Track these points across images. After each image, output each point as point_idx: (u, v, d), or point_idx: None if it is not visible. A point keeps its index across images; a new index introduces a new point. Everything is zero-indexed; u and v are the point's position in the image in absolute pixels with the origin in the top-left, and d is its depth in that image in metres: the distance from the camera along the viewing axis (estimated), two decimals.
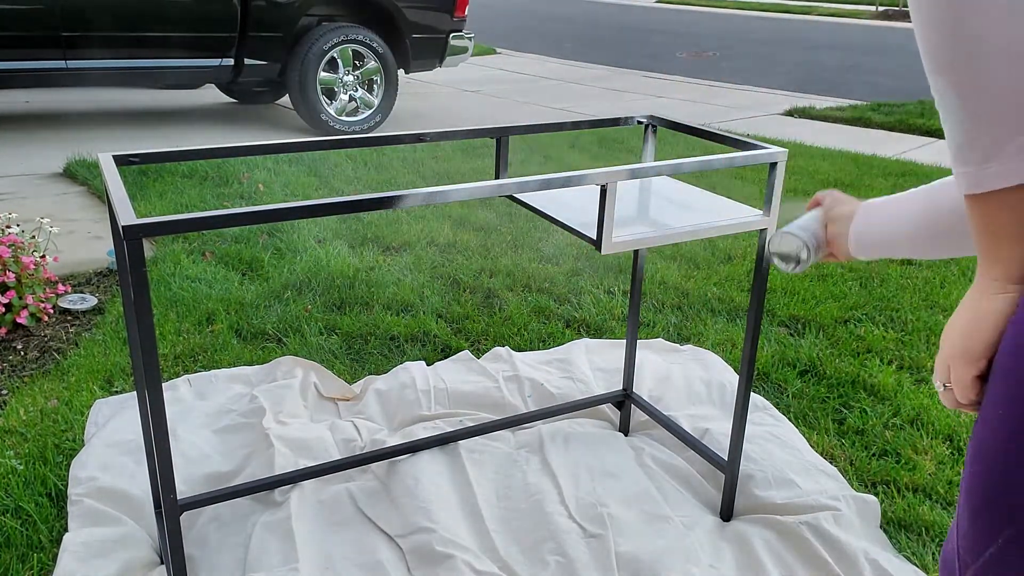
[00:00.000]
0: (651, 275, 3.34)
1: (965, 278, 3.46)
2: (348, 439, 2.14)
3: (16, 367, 2.48)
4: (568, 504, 1.91)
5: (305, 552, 1.73)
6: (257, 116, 6.50)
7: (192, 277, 3.10)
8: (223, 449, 2.09)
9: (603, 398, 2.27)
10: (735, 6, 22.41)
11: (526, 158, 5.18)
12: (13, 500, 1.86)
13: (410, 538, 1.78)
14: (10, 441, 2.08)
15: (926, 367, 2.67)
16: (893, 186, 4.95)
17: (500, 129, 1.79)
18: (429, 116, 6.81)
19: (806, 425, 2.32)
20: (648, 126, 1.93)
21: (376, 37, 5.87)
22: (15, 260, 2.66)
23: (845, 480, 2.04)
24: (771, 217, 1.63)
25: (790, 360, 2.68)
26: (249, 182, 4.33)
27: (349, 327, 2.78)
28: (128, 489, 1.89)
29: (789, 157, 5.11)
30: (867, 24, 18.71)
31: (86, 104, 6.61)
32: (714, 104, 7.98)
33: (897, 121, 7.06)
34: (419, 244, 3.55)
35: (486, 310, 2.98)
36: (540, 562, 1.75)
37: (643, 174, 1.49)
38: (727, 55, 12.06)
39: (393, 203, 1.31)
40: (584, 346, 2.67)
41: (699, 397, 2.40)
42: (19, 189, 4.23)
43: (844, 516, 1.86)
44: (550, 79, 9.23)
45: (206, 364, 2.52)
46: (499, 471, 2.03)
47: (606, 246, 1.47)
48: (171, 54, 5.26)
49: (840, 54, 12.59)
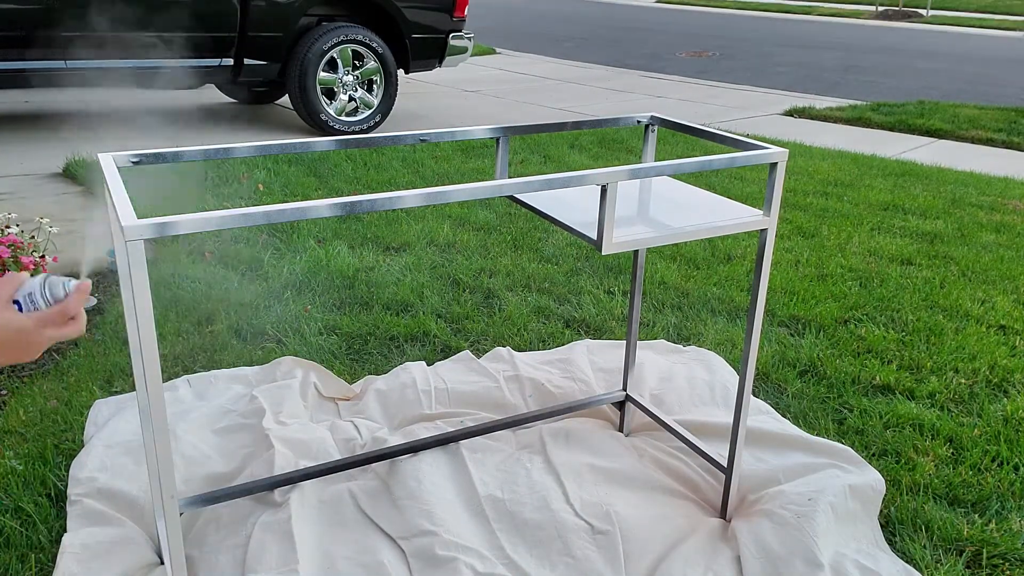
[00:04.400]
0: (651, 275, 3.34)
1: (965, 278, 3.46)
2: (348, 439, 2.14)
3: (16, 367, 2.48)
4: (574, 503, 1.91)
5: (305, 553, 1.73)
6: (257, 116, 6.49)
7: (192, 277, 3.09)
8: (223, 449, 2.09)
9: (603, 399, 2.26)
10: (735, 6, 22.40)
11: (526, 158, 5.18)
12: (13, 500, 1.85)
13: (413, 540, 1.78)
14: (10, 441, 2.08)
15: (926, 367, 2.67)
16: (893, 186, 4.95)
17: (500, 129, 1.79)
18: (429, 116, 6.81)
19: (806, 425, 2.32)
20: (648, 126, 1.93)
21: (376, 37, 5.87)
22: (15, 260, 2.65)
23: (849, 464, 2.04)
24: (771, 217, 1.62)
25: (790, 360, 2.68)
26: (249, 182, 4.33)
27: (349, 327, 2.78)
28: (128, 489, 1.88)
29: (789, 157, 5.11)
30: (867, 24, 18.70)
31: (86, 104, 6.61)
32: (714, 104, 7.97)
33: (897, 121, 7.06)
34: (419, 244, 3.55)
35: (486, 310, 2.98)
36: (548, 560, 1.75)
37: (643, 174, 1.49)
38: (727, 55, 12.06)
39: (393, 203, 1.30)
40: (585, 346, 2.67)
41: (702, 398, 2.40)
42: (19, 189, 4.23)
43: (843, 507, 1.86)
44: (550, 79, 9.23)
45: (206, 364, 2.52)
46: (502, 470, 2.03)
47: (606, 246, 1.47)
48: (171, 54, 5.26)
49: (840, 54, 12.58)
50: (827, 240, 3.88)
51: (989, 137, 6.64)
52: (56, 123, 5.84)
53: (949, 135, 6.75)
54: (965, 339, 2.87)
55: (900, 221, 4.24)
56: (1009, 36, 16.74)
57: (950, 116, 7.27)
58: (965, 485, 2.07)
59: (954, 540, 1.87)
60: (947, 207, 4.54)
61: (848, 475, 1.99)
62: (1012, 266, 3.63)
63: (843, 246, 3.81)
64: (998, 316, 3.08)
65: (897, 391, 2.52)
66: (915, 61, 12.06)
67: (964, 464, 2.15)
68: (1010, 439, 2.27)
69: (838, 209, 4.39)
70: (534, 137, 5.71)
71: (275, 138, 5.73)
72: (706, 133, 1.75)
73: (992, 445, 2.24)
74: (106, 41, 5.00)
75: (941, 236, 4.02)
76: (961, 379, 2.59)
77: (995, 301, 3.22)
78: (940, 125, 6.90)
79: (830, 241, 3.87)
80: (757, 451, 2.13)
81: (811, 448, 2.12)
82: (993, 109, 7.77)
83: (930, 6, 20.76)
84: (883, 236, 3.98)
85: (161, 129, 5.82)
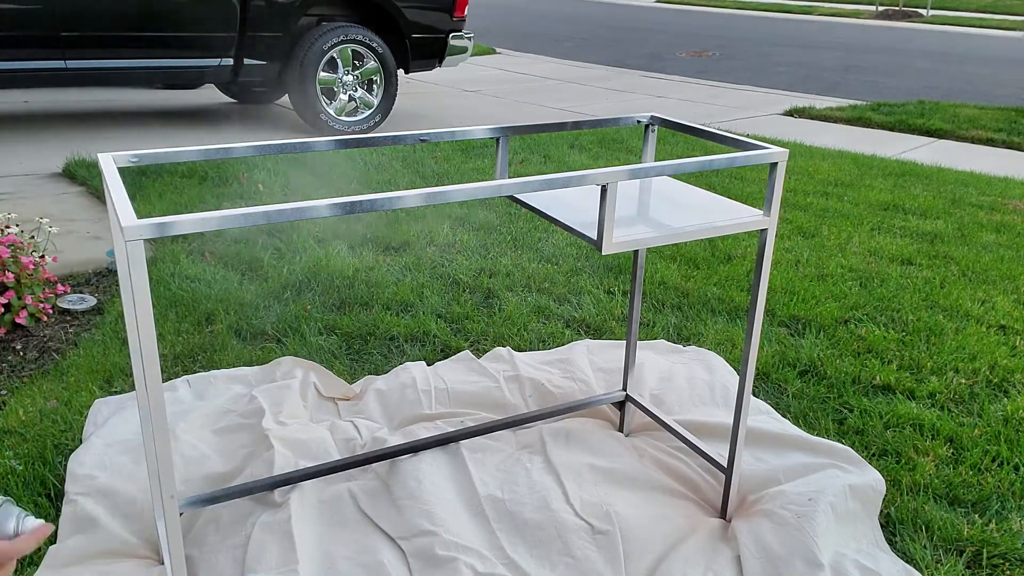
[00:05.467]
0: (651, 275, 3.33)
1: (965, 278, 3.46)
2: (348, 439, 2.14)
3: (15, 367, 2.48)
4: (574, 503, 1.91)
5: (305, 553, 1.73)
6: (257, 116, 6.49)
7: (192, 277, 3.09)
8: (222, 449, 2.09)
9: (603, 399, 2.26)
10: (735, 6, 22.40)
11: (526, 158, 5.18)
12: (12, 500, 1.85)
13: (413, 540, 1.78)
14: (9, 441, 2.07)
15: (926, 367, 2.66)
16: (893, 186, 4.95)
17: (500, 129, 1.79)
18: (429, 116, 6.81)
19: (806, 425, 2.32)
20: (648, 126, 1.93)
21: (376, 37, 5.87)
22: (14, 260, 2.65)
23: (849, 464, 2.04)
24: (771, 217, 1.62)
25: (790, 360, 2.68)
26: (249, 182, 4.33)
27: (349, 327, 2.78)
28: (127, 489, 1.88)
29: (789, 157, 5.11)
30: (867, 24, 18.71)
31: (86, 104, 6.61)
32: (714, 104, 7.97)
33: (897, 121, 7.06)
34: (419, 244, 3.55)
35: (486, 310, 2.98)
36: (548, 560, 1.75)
37: (643, 174, 1.49)
38: (727, 55, 12.06)
39: (393, 203, 1.30)
40: (585, 346, 2.67)
41: (702, 398, 2.40)
42: (19, 189, 4.23)
43: (843, 507, 1.86)
44: (550, 79, 9.23)
45: (206, 364, 2.52)
46: (502, 470, 2.03)
47: (606, 246, 1.47)
48: (171, 54, 5.26)
49: (840, 54, 12.58)
50: (827, 240, 3.88)
51: (989, 137, 6.64)
52: (56, 123, 5.84)
53: (949, 135, 6.76)
54: (965, 339, 2.87)
55: (900, 221, 4.24)
56: (1009, 36, 16.74)
57: (950, 116, 7.28)
58: (965, 485, 2.07)
59: (954, 540, 1.87)
60: (947, 207, 4.54)
61: (848, 475, 1.99)
62: (1012, 266, 3.63)
63: (843, 246, 3.81)
64: (998, 316, 3.08)
65: (897, 391, 2.51)
66: (915, 61, 12.06)
67: (964, 464, 2.15)
68: (1010, 439, 2.27)
69: (838, 209, 4.39)
70: (534, 137, 5.71)
71: (275, 138, 5.73)
72: (706, 133, 1.75)
73: (992, 445, 2.24)
74: (106, 41, 5.00)
75: (941, 236, 4.02)
76: (961, 379, 2.59)
77: (995, 301, 3.22)
78: (940, 125, 6.90)
79: (830, 241, 3.87)
80: (757, 451, 2.13)
81: (811, 448, 2.12)
82: (993, 109, 7.77)
83: (930, 6, 20.77)
84: (883, 236, 3.98)
85: (161, 129, 5.81)
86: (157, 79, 5.42)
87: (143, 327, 1.22)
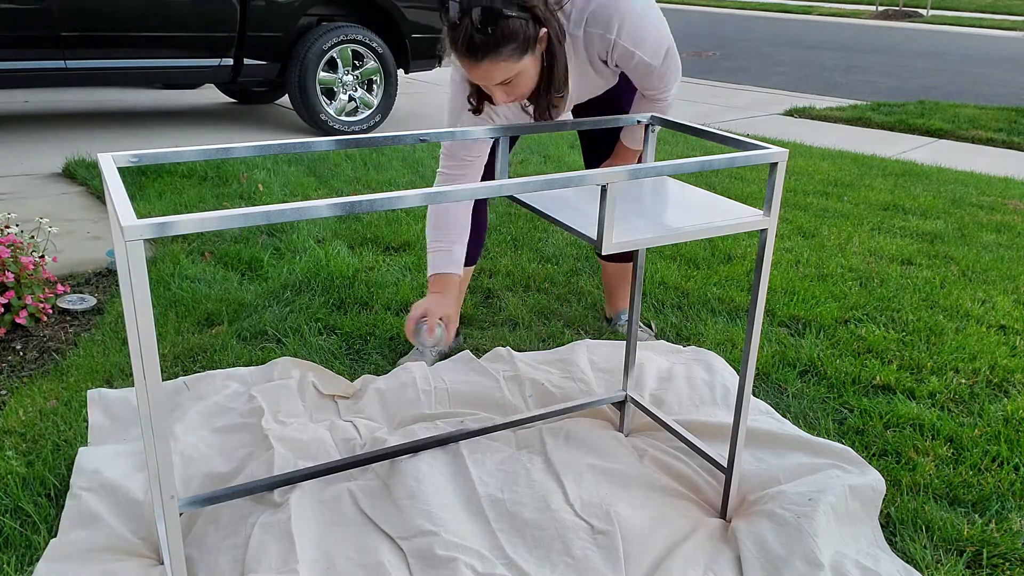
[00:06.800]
0: (651, 275, 3.33)
1: (965, 278, 3.46)
2: (348, 439, 2.14)
3: (15, 367, 2.48)
4: (574, 503, 1.91)
5: (305, 552, 1.73)
6: (257, 116, 6.49)
7: (191, 277, 3.09)
8: (222, 449, 2.09)
9: (603, 399, 2.26)
10: (735, 6, 22.40)
11: (526, 158, 5.18)
12: (12, 500, 1.85)
13: (413, 541, 1.77)
14: (9, 441, 2.07)
15: (926, 367, 2.66)
16: (893, 186, 4.95)
17: (500, 129, 1.79)
18: (429, 116, 6.81)
19: (806, 425, 2.32)
20: (648, 126, 1.93)
21: (376, 37, 5.87)
22: (14, 260, 2.65)
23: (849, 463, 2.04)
24: (771, 217, 1.62)
25: (790, 360, 2.68)
26: (249, 182, 4.33)
27: (349, 327, 2.77)
28: (131, 487, 1.88)
29: (789, 157, 5.11)
30: (867, 24, 18.71)
31: (86, 104, 6.61)
32: (714, 104, 7.97)
33: (897, 121, 7.07)
34: (419, 244, 3.54)
35: (486, 310, 2.98)
36: (548, 560, 1.75)
37: (643, 174, 1.49)
38: (727, 55, 12.06)
39: (393, 203, 1.30)
40: (586, 347, 2.67)
41: (702, 398, 2.40)
42: (19, 189, 4.23)
43: (843, 507, 1.86)
44: None
45: (205, 364, 2.52)
46: (502, 470, 2.03)
47: (606, 246, 1.47)
48: (171, 54, 5.26)
49: (840, 54, 12.59)
50: (827, 240, 3.88)
51: (989, 137, 6.64)
52: (56, 123, 5.84)
53: (949, 135, 6.76)
54: (965, 339, 2.87)
55: (900, 221, 4.24)
56: (1009, 36, 16.74)
57: (950, 116, 7.28)
58: (965, 485, 2.07)
59: (954, 540, 1.87)
60: (947, 207, 4.54)
61: (848, 475, 1.99)
62: (1012, 266, 3.63)
63: (843, 246, 3.81)
64: (998, 316, 3.08)
65: (897, 391, 2.51)
66: (915, 61, 12.06)
67: (964, 464, 2.15)
68: (1010, 439, 2.27)
69: (838, 209, 4.39)
70: (534, 137, 5.71)
71: (275, 138, 5.73)
72: (706, 133, 1.75)
73: (992, 445, 2.24)
74: (106, 41, 5.01)
75: (941, 236, 4.02)
76: (961, 379, 2.59)
77: (995, 301, 3.22)
78: (940, 125, 6.90)
79: (830, 241, 3.87)
80: (757, 451, 2.13)
81: (811, 448, 2.12)
82: (993, 109, 7.77)
83: (930, 6, 20.77)
84: (883, 236, 3.98)
85: (161, 129, 5.82)
86: (157, 79, 5.42)
87: (143, 327, 1.22)
